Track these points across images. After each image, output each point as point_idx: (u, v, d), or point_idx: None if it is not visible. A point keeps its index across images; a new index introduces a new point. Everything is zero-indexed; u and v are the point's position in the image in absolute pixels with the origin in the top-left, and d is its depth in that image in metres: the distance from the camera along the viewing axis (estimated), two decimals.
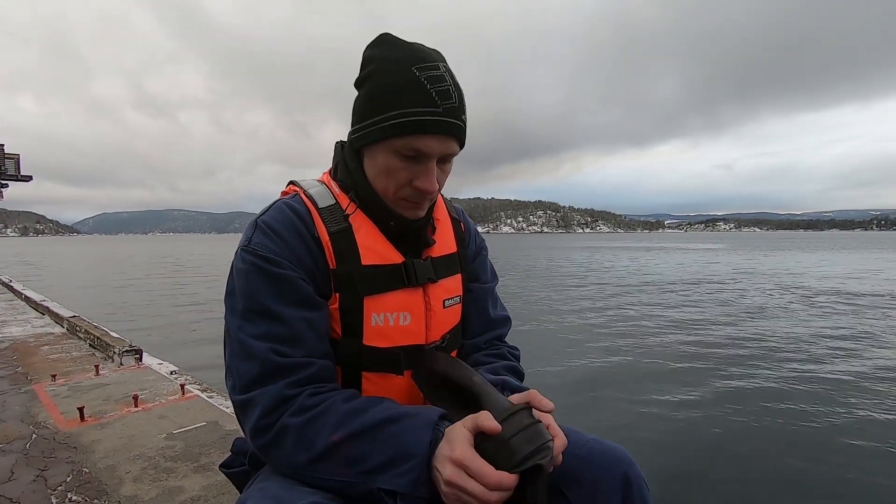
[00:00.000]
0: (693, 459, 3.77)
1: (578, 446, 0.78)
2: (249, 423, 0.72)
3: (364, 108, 0.78)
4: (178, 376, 3.51)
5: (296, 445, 0.69)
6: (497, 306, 1.04)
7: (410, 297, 0.84)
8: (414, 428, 0.68)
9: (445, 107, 0.74)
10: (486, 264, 1.05)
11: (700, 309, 11.25)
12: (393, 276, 0.82)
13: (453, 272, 0.93)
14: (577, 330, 8.94)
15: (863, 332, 8.45)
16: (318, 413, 0.70)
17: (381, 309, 0.81)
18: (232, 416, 2.65)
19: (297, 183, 0.89)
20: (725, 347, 7.39)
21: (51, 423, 2.58)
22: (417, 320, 0.84)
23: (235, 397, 0.74)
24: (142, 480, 1.96)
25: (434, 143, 0.75)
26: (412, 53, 0.76)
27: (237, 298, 0.77)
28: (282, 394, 0.71)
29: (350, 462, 0.67)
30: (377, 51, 0.78)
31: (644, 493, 0.75)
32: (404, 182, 0.79)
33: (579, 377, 5.99)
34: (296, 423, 0.69)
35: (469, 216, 1.07)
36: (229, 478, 0.93)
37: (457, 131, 0.77)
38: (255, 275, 0.75)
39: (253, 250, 0.77)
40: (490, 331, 1.00)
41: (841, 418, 4.52)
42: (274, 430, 0.70)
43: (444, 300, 0.88)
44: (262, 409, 0.70)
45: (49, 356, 4.14)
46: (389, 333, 0.82)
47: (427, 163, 0.77)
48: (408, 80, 0.73)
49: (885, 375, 5.84)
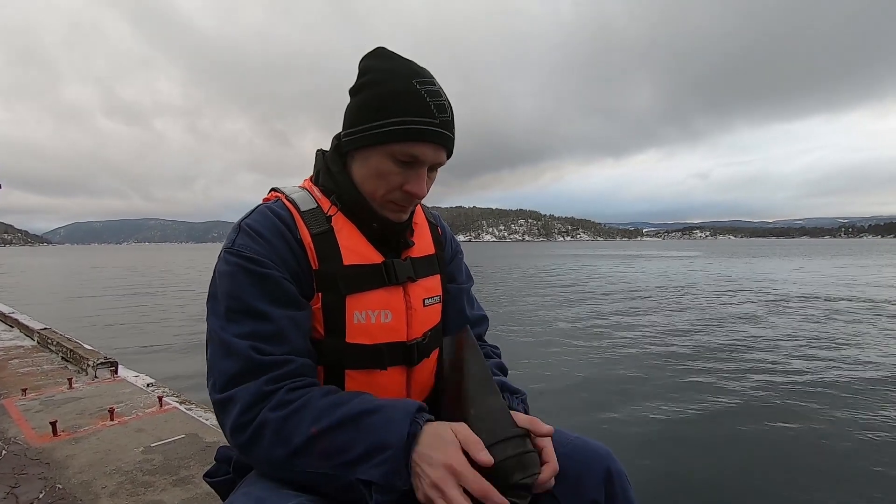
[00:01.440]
0: (677, 460, 3.84)
1: (563, 444, 0.82)
2: (229, 421, 0.72)
3: (360, 113, 0.82)
4: (156, 388, 3.44)
5: (274, 440, 0.70)
6: (474, 306, 1.09)
7: (391, 295, 0.86)
8: (391, 419, 0.68)
9: (441, 119, 0.80)
10: (462, 266, 1.10)
11: (680, 315, 11.46)
12: (374, 276, 0.85)
13: (432, 272, 0.96)
14: (563, 335, 9.02)
15: (845, 335, 8.72)
16: (297, 407, 0.71)
17: (363, 307, 0.83)
18: (212, 428, 2.61)
19: (279, 189, 0.92)
20: (707, 352, 7.53)
21: (21, 439, 2.50)
22: (398, 318, 0.87)
23: (215, 396, 0.74)
24: (119, 495, 1.92)
25: (429, 151, 0.80)
26: (410, 67, 0.82)
27: (220, 300, 0.78)
28: (261, 390, 0.72)
29: (328, 454, 0.68)
30: (376, 62, 0.83)
31: (626, 487, 0.80)
32: (395, 186, 0.83)
33: (566, 380, 6.05)
34: (274, 417, 0.70)
35: (451, 224, 1.11)
36: (213, 487, 0.92)
37: (448, 143, 0.83)
38: (240, 275, 0.77)
39: (237, 251, 0.79)
40: None
41: (822, 418, 4.65)
42: (253, 425, 0.71)
43: (423, 299, 0.92)
44: (241, 406, 0.71)
45: (19, 370, 4.00)
46: (371, 331, 0.84)
47: (419, 169, 0.82)
48: (408, 90, 0.78)
49: (863, 376, 6.04)
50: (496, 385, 0.79)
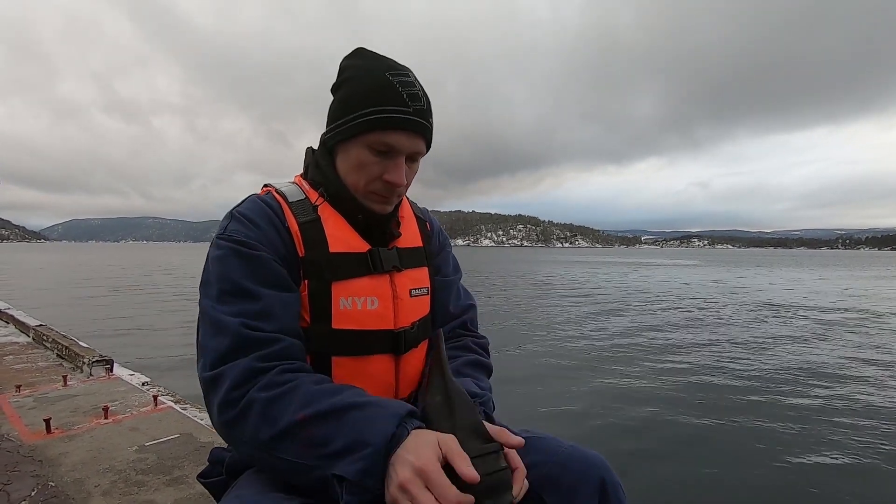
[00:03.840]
0: (674, 472, 3.83)
1: (557, 453, 0.81)
2: (218, 397, 0.72)
3: (339, 109, 0.85)
4: (151, 387, 3.43)
5: (260, 420, 0.69)
6: (460, 297, 1.08)
7: (377, 283, 0.87)
8: (377, 417, 0.67)
9: (415, 108, 0.82)
10: (449, 259, 1.10)
11: (681, 324, 11.47)
12: (359, 263, 0.87)
13: (419, 264, 0.97)
14: (562, 342, 9.01)
15: (855, 348, 8.73)
16: (286, 390, 0.70)
17: (349, 293, 0.84)
18: (206, 428, 2.60)
19: (271, 184, 0.95)
20: (708, 361, 7.53)
21: (14, 436, 2.49)
22: (385, 305, 0.87)
23: (205, 374, 0.74)
24: (111, 494, 1.91)
25: (404, 140, 0.82)
26: (385, 63, 0.84)
27: (212, 284, 0.79)
28: (252, 366, 0.72)
29: (311, 443, 0.66)
30: (353, 60, 0.86)
31: (620, 497, 0.78)
32: (375, 176, 0.84)
33: (563, 387, 6.04)
34: (263, 397, 0.69)
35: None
36: (207, 488, 0.92)
37: (424, 131, 0.85)
38: (231, 257, 0.79)
39: (228, 236, 0.81)
40: (452, 321, 1.04)
41: (825, 432, 4.64)
42: (241, 403, 0.70)
43: (410, 289, 0.92)
44: (231, 382, 0.71)
45: (13, 366, 3.99)
46: (358, 317, 0.84)
47: (396, 158, 0.84)
48: (381, 82, 0.81)
49: (859, 383, 6.06)
50: (467, 398, 0.76)
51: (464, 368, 0.95)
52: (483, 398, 0.88)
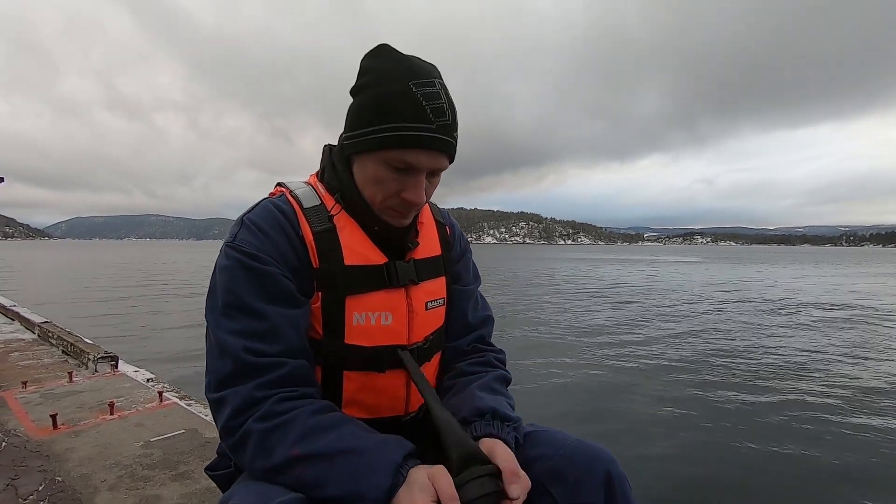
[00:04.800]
0: (682, 467, 3.84)
1: (563, 447, 0.81)
2: (220, 422, 0.74)
3: (358, 117, 0.80)
4: (156, 383, 3.44)
5: (256, 451, 0.70)
6: (479, 308, 1.05)
7: (392, 297, 0.85)
8: (373, 467, 0.67)
9: (439, 124, 0.76)
10: (469, 266, 1.07)
11: (684, 320, 11.45)
12: (375, 277, 0.84)
13: (437, 275, 0.95)
14: (568, 337, 9.01)
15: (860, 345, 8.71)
16: (282, 422, 0.70)
17: (363, 308, 0.82)
18: (211, 424, 2.61)
19: (284, 184, 0.92)
20: (712, 357, 7.52)
21: (21, 431, 2.50)
22: (399, 320, 0.86)
23: (209, 395, 0.75)
24: (118, 489, 1.92)
25: (424, 158, 0.77)
26: (409, 67, 0.77)
27: (218, 295, 0.78)
28: (251, 395, 0.72)
29: (304, 485, 0.67)
30: (375, 61, 0.80)
31: (626, 490, 0.78)
32: (393, 193, 0.81)
33: (569, 383, 6.05)
34: (259, 428, 0.70)
35: None
36: (214, 480, 0.93)
37: (448, 148, 0.80)
38: (238, 271, 0.77)
39: (237, 246, 0.78)
40: (469, 333, 1.01)
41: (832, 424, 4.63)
42: (240, 432, 0.71)
43: (426, 302, 0.90)
44: (231, 410, 0.72)
45: (19, 363, 4.01)
46: (371, 333, 0.83)
47: (416, 176, 0.80)
48: (404, 94, 0.75)
49: (859, 380, 6.05)
50: (456, 427, 0.74)
51: (494, 384, 0.92)
52: (516, 423, 0.84)
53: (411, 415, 0.92)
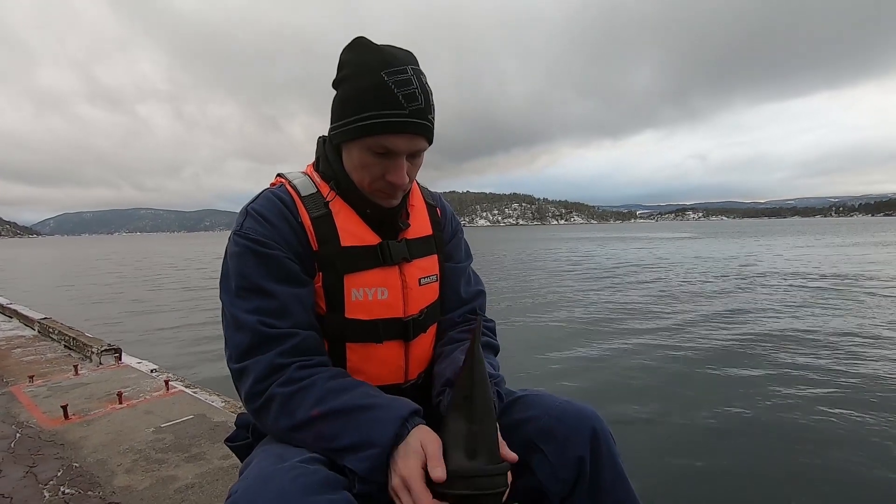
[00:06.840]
0: (668, 434, 3.97)
1: (552, 407, 0.89)
2: (244, 390, 0.82)
3: (340, 109, 0.87)
4: (160, 373, 3.52)
5: (280, 412, 0.79)
6: (471, 283, 1.13)
7: (387, 274, 0.93)
8: (382, 419, 0.75)
9: (412, 108, 0.82)
10: (461, 245, 1.14)
11: (690, 300, 11.63)
12: (370, 256, 0.92)
13: (429, 253, 1.02)
14: (561, 317, 9.16)
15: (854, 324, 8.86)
16: (303, 386, 0.79)
17: (360, 285, 0.90)
18: (219, 409, 2.70)
19: (284, 175, 0.99)
20: (705, 334, 7.65)
21: (34, 423, 2.58)
22: (395, 295, 0.94)
23: (232, 366, 0.84)
24: (134, 472, 2.01)
25: (401, 142, 0.83)
26: (382, 58, 0.82)
27: (230, 279, 0.86)
28: (273, 362, 0.81)
29: (322, 438, 0.76)
30: (351, 55, 0.86)
31: (610, 445, 0.86)
32: (378, 176, 0.88)
33: (565, 362, 6.18)
34: (282, 392, 0.79)
35: None
36: (234, 451, 1.00)
37: (423, 130, 0.85)
38: (247, 256, 0.85)
39: (244, 234, 0.86)
40: (462, 307, 1.09)
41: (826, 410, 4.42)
42: (264, 396, 0.80)
43: (419, 278, 0.98)
44: (255, 377, 0.80)
45: (23, 358, 4.06)
46: (369, 307, 0.91)
47: (397, 159, 0.86)
48: (377, 84, 0.81)
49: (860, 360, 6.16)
50: (491, 406, 0.75)
51: None
52: (497, 379, 0.93)
53: (410, 382, 1.00)
